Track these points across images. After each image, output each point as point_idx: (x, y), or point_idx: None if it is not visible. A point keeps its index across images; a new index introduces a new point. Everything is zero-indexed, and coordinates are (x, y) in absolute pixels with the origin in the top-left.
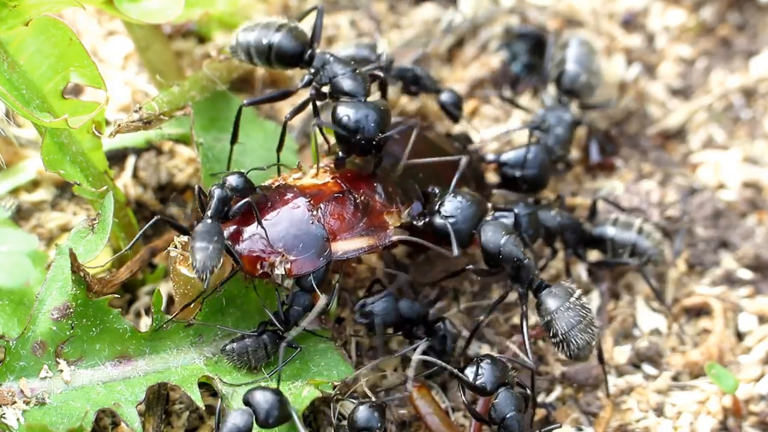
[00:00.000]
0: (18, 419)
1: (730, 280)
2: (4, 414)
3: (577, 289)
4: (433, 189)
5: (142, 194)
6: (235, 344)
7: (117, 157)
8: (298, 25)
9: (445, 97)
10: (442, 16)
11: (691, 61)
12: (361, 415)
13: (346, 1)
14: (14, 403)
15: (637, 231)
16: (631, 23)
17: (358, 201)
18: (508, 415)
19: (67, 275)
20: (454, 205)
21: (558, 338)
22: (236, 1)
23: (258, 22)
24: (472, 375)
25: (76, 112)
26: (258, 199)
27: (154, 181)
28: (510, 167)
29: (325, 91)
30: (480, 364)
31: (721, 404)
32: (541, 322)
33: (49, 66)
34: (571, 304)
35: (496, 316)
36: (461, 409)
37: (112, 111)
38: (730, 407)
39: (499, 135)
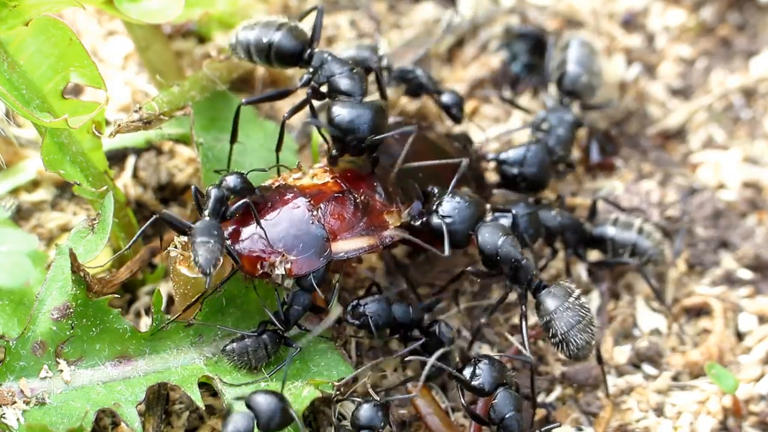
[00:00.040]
0: (18, 419)
1: (730, 280)
2: (4, 414)
3: (576, 289)
4: (432, 188)
5: (142, 194)
6: (235, 344)
7: (117, 157)
8: (299, 25)
9: (447, 99)
10: (442, 16)
11: (691, 61)
12: (364, 414)
13: (346, 1)
14: (14, 403)
15: (638, 231)
16: (631, 23)
17: (358, 201)
18: (507, 415)
19: (67, 275)
20: (451, 206)
21: (557, 338)
22: (236, 1)
23: (258, 21)
24: (470, 376)
25: (76, 112)
26: (257, 199)
27: (154, 181)
28: (509, 165)
29: (324, 90)
30: (478, 364)
31: (721, 404)
32: (540, 323)
33: (49, 66)
34: (570, 304)
35: (496, 316)
36: (461, 409)
37: (112, 111)
38: (730, 407)
39: (499, 135)
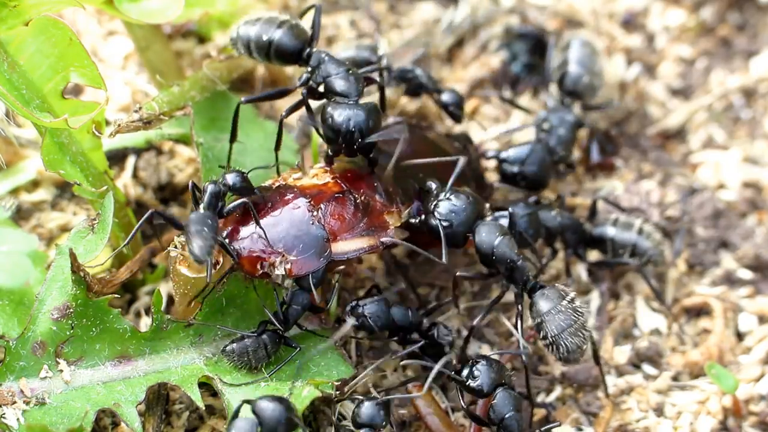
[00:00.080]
0: (18, 419)
1: (730, 280)
2: (4, 414)
3: (571, 292)
4: (429, 185)
5: (142, 194)
6: (235, 345)
7: (117, 157)
8: (299, 23)
9: (446, 98)
10: (442, 16)
11: (691, 61)
12: (366, 412)
13: (346, 1)
14: (14, 403)
15: (638, 231)
16: (631, 23)
17: (359, 201)
18: (507, 416)
19: (67, 275)
20: (449, 207)
21: (548, 340)
22: (236, 1)
23: (260, 17)
24: (469, 377)
25: (76, 112)
26: (256, 199)
27: (154, 181)
28: (509, 164)
29: (321, 90)
30: (475, 365)
31: (721, 404)
32: (532, 323)
33: (49, 66)
34: (562, 307)
35: (497, 317)
36: (461, 410)
37: (112, 111)
38: (730, 407)
39: (500, 134)
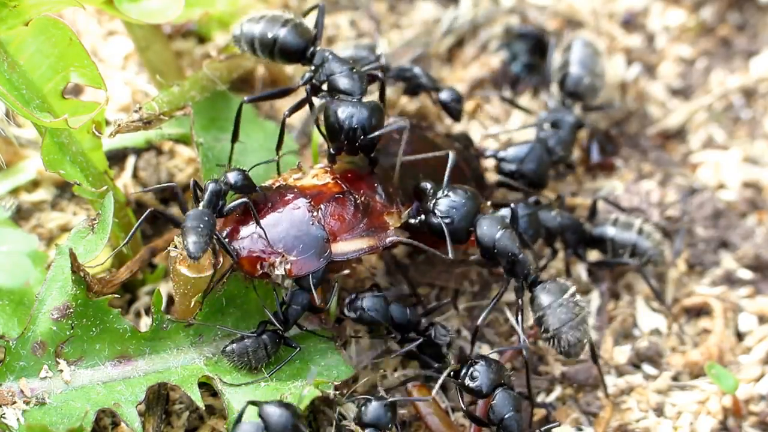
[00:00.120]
0: (18, 419)
1: (730, 280)
2: (4, 414)
3: (572, 286)
4: (425, 185)
5: (142, 194)
6: (235, 345)
7: (117, 157)
8: (303, 21)
9: (445, 96)
10: (442, 16)
11: (691, 61)
12: (372, 411)
13: (346, 1)
14: (14, 403)
15: (638, 231)
16: (631, 23)
17: (359, 202)
18: (507, 416)
19: (67, 275)
20: (449, 203)
21: (549, 334)
22: (236, 1)
23: (264, 15)
24: (468, 377)
25: (76, 112)
26: (258, 198)
27: (154, 181)
28: (508, 162)
29: (324, 88)
30: (474, 366)
31: (721, 404)
32: (533, 317)
33: (49, 66)
34: (564, 301)
35: (496, 317)
36: (461, 409)
37: (112, 111)
38: (730, 407)
39: (500, 132)
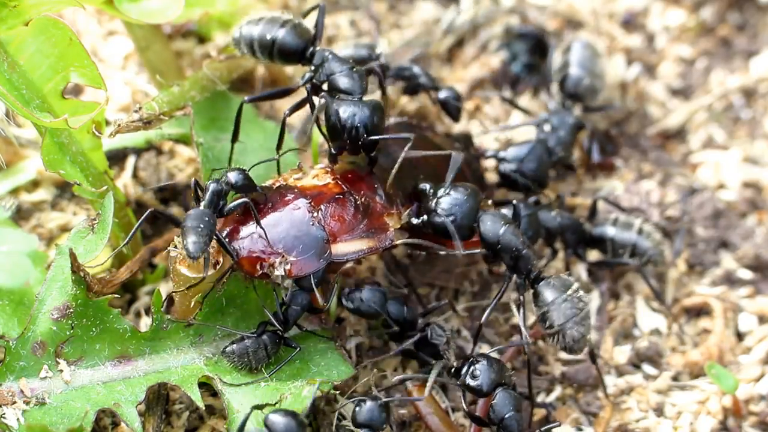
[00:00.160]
0: (18, 419)
1: (730, 280)
2: (4, 414)
3: (575, 282)
4: (423, 187)
5: (142, 194)
6: (235, 346)
7: (117, 157)
8: (302, 22)
9: (444, 96)
10: (442, 16)
11: (691, 61)
12: (366, 412)
13: (346, 1)
14: (14, 403)
15: (637, 231)
16: (631, 23)
17: (359, 203)
18: (507, 415)
19: (67, 275)
20: (451, 201)
21: (553, 330)
22: (236, 1)
23: (262, 16)
24: (469, 376)
25: (76, 112)
26: (258, 198)
27: (154, 181)
28: (508, 162)
29: (324, 88)
30: (475, 365)
31: (721, 404)
32: (537, 313)
33: (49, 66)
34: (568, 297)
35: (496, 317)
36: (461, 409)
37: (112, 111)
38: (730, 407)
39: (500, 129)
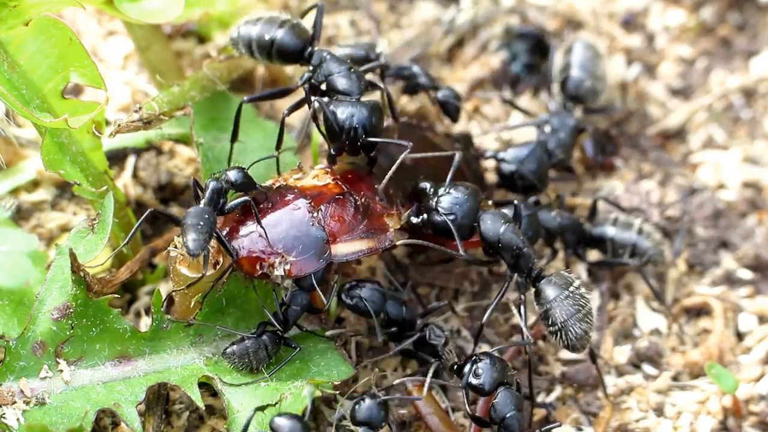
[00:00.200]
0: (18, 419)
1: (730, 280)
2: (4, 414)
3: (576, 279)
4: (423, 186)
5: (142, 194)
6: (235, 347)
7: (117, 157)
8: (301, 22)
9: (443, 95)
10: (442, 16)
11: (691, 61)
12: (365, 409)
13: (346, 1)
14: (14, 403)
15: (637, 231)
16: (631, 23)
17: (359, 203)
18: (508, 415)
19: (67, 275)
20: (451, 199)
21: (556, 327)
22: (236, 1)
23: (260, 17)
24: (471, 374)
25: (76, 112)
26: (258, 195)
27: (154, 181)
28: (508, 163)
29: (323, 88)
30: (477, 363)
31: (721, 404)
32: (539, 311)
33: (49, 66)
34: (570, 293)
35: (496, 316)
36: (461, 409)
37: (112, 111)
38: (730, 407)
39: (501, 128)
